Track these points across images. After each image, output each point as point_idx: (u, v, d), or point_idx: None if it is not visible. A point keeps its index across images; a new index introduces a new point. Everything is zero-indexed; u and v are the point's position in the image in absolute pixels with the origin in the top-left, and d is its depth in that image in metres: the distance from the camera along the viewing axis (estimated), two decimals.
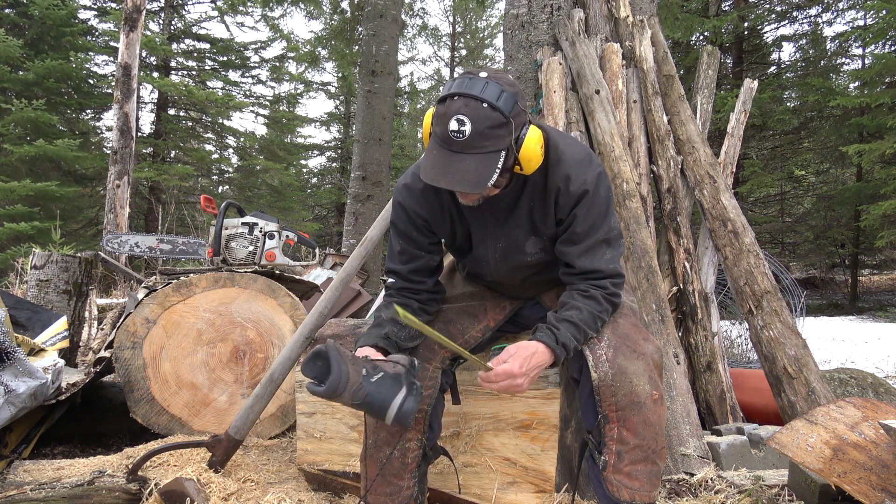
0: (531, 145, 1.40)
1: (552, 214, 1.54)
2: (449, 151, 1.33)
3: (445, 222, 1.62)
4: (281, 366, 2.18)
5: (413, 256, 1.65)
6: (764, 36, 13.83)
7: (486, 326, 1.76)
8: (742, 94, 3.52)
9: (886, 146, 8.78)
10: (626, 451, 1.47)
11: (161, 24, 13.95)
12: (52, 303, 3.65)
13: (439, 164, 1.33)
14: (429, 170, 1.34)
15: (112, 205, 7.18)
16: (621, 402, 1.48)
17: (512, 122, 1.34)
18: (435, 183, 1.34)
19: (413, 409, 1.36)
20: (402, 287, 1.67)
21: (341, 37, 12.02)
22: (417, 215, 1.60)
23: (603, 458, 1.49)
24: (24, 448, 2.48)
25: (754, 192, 13.75)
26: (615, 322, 1.58)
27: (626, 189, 2.95)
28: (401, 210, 1.62)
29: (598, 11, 3.49)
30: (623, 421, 1.48)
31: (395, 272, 1.68)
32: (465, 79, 1.35)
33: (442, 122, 1.33)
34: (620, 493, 1.47)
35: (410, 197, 1.60)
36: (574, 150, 1.53)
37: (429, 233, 1.63)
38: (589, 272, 1.54)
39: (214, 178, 16.14)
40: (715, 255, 3.15)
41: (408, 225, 1.62)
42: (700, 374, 2.94)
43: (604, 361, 1.51)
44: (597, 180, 1.50)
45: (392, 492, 1.61)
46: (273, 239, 3.15)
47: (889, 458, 1.75)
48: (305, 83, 17.49)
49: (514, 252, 1.61)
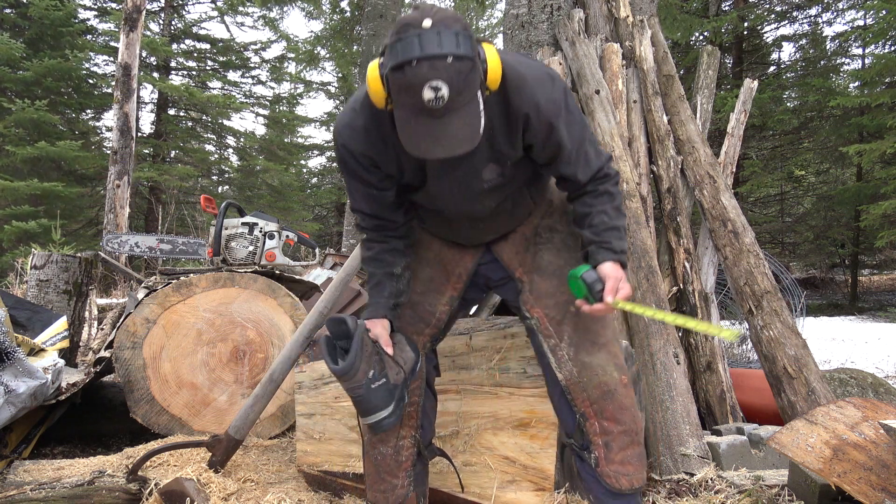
0: (495, 66, 1.30)
1: (520, 140, 1.46)
2: (430, 119, 1.22)
3: (391, 158, 1.50)
4: (281, 366, 2.18)
5: (371, 196, 1.57)
6: (764, 36, 13.83)
7: (452, 297, 1.71)
8: (742, 94, 3.52)
9: (886, 146, 8.78)
10: (612, 440, 1.51)
11: (161, 24, 13.95)
12: (52, 303, 3.65)
13: (426, 135, 1.24)
14: (418, 143, 1.25)
15: (112, 205, 7.17)
16: (593, 395, 1.52)
17: (477, 59, 1.24)
18: (431, 156, 1.27)
19: (391, 426, 1.47)
20: (377, 226, 1.61)
21: (341, 36, 12.03)
22: (361, 154, 1.50)
23: (593, 455, 1.51)
24: (24, 448, 2.48)
25: (754, 192, 13.75)
26: (577, 316, 1.59)
27: (626, 189, 2.95)
28: (345, 151, 1.52)
29: (598, 11, 3.49)
30: (600, 413, 1.51)
31: (361, 212, 1.61)
32: (413, 38, 1.18)
33: (412, 93, 1.19)
34: (620, 483, 1.49)
35: (352, 136, 1.49)
36: (534, 71, 1.44)
37: (376, 169, 1.53)
38: (592, 177, 1.54)
39: (214, 178, 16.14)
40: (715, 255, 3.15)
41: (356, 165, 1.52)
42: (700, 374, 2.94)
43: (566, 361, 1.54)
44: (564, 97, 1.45)
45: (386, 489, 1.61)
46: (273, 239, 3.15)
47: (889, 458, 1.75)
48: (305, 83, 17.49)
49: (471, 179, 1.51)
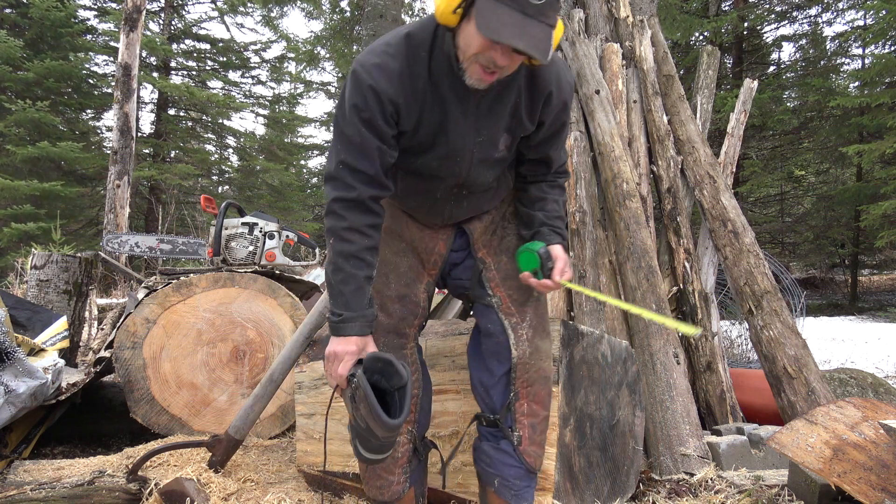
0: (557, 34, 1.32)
1: (537, 114, 1.49)
2: (522, 14, 1.22)
3: (415, 111, 1.40)
4: (281, 366, 2.18)
5: (380, 152, 1.39)
6: (764, 36, 13.84)
7: (428, 283, 1.70)
8: (742, 94, 3.52)
9: (886, 146, 8.78)
10: (537, 422, 1.60)
11: (161, 24, 13.95)
12: (52, 303, 3.65)
13: (514, 25, 1.22)
14: (502, 29, 1.21)
15: (112, 205, 7.18)
16: (532, 378, 1.58)
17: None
18: (512, 42, 1.22)
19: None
20: (375, 195, 1.40)
21: (341, 36, 12.03)
22: (389, 101, 1.36)
23: (517, 434, 1.57)
24: (24, 448, 2.48)
25: (754, 192, 13.76)
26: (538, 301, 1.67)
27: (626, 189, 2.95)
28: (371, 94, 1.34)
29: (598, 11, 3.49)
30: (533, 396, 1.59)
31: (363, 172, 1.38)
32: None
33: None
34: (536, 462, 1.61)
35: (384, 78, 1.35)
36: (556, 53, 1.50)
37: (395, 124, 1.40)
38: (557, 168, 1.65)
39: (214, 178, 16.14)
40: (715, 255, 3.15)
41: (378, 112, 1.36)
42: (700, 374, 2.94)
43: (524, 341, 1.59)
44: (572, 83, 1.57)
45: (382, 485, 1.61)
46: (273, 239, 3.15)
47: (889, 458, 1.75)
48: (305, 83, 17.50)
49: (489, 145, 1.49)
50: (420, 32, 1.39)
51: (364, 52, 1.40)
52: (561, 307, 2.87)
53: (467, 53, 1.30)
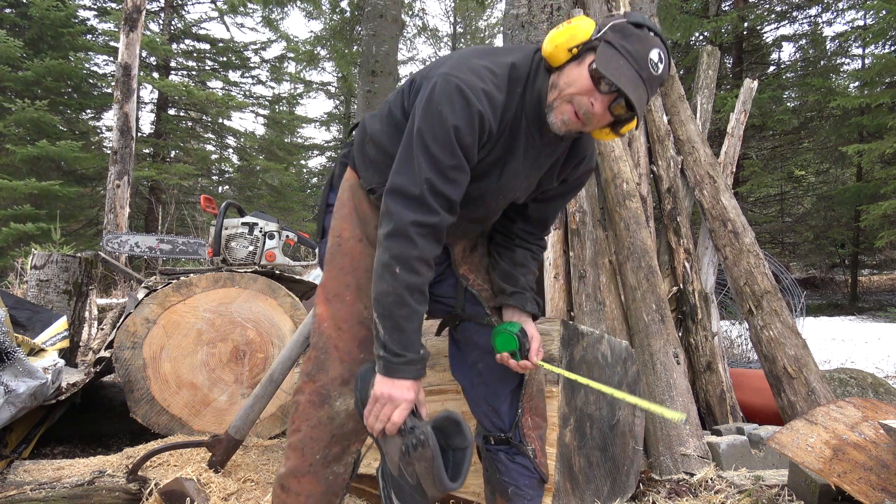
0: None
1: (566, 174, 1.57)
2: (637, 75, 1.26)
3: (488, 145, 1.36)
4: (281, 366, 2.18)
5: (464, 181, 1.31)
6: (764, 36, 13.84)
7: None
8: (742, 94, 3.52)
9: (886, 146, 8.79)
10: (542, 434, 1.61)
11: (161, 24, 13.95)
12: (52, 303, 3.65)
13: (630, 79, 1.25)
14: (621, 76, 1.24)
15: (112, 205, 7.17)
16: (532, 391, 1.60)
17: None
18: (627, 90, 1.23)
19: None
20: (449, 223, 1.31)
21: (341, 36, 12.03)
22: (488, 131, 1.32)
23: (530, 448, 1.58)
24: (24, 448, 2.48)
25: (754, 192, 13.76)
26: None
27: (626, 189, 2.95)
28: (479, 120, 1.28)
29: (598, 11, 3.49)
30: (534, 409, 1.60)
31: (447, 199, 1.28)
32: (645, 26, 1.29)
33: (642, 46, 1.26)
34: (546, 472, 1.61)
35: (490, 107, 1.30)
36: None
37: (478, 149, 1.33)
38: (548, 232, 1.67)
39: (214, 178, 16.14)
40: (715, 255, 3.15)
41: (475, 139, 1.29)
42: (700, 374, 2.94)
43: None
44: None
45: None
46: (273, 239, 3.15)
47: (889, 458, 1.75)
48: (305, 83, 17.52)
49: (523, 192, 1.51)
50: (522, 65, 1.37)
51: (464, 69, 1.30)
52: (561, 307, 2.87)
53: (565, 92, 1.30)
